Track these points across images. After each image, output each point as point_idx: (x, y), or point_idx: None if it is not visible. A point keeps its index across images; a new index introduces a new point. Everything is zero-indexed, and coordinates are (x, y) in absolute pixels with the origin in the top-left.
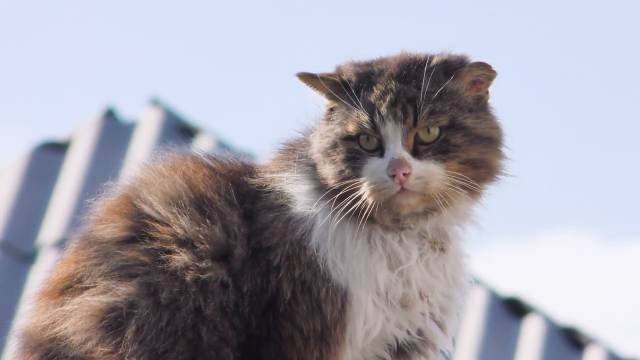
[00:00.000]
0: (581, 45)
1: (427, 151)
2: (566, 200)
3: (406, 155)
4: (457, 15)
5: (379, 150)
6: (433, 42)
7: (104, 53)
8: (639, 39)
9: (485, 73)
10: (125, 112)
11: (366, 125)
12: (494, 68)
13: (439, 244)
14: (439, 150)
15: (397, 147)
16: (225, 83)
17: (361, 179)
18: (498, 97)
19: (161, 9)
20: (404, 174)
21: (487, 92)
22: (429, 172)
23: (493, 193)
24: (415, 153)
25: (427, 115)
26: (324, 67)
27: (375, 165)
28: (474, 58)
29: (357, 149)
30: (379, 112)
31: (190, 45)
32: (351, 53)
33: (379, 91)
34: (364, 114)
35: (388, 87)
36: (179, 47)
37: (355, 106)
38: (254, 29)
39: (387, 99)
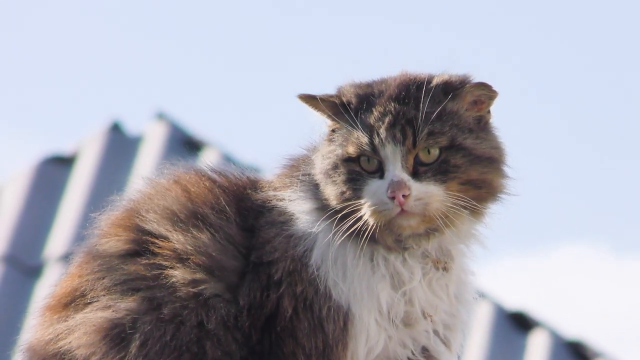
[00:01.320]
0: (593, 52)
1: (426, 172)
2: (580, 213)
3: (405, 177)
4: (456, 18)
5: (380, 171)
6: (430, 46)
7: (110, 66)
8: None
9: (485, 93)
10: (131, 126)
11: (366, 147)
12: (494, 88)
13: (442, 264)
14: (439, 171)
15: (396, 168)
16: (232, 97)
17: (362, 201)
18: (506, 111)
19: (167, 23)
20: (403, 196)
21: (489, 111)
22: (428, 193)
23: (496, 212)
24: (415, 174)
25: (427, 137)
26: (330, 81)
27: (375, 187)
28: (476, 78)
29: (357, 170)
30: (378, 134)
31: (196, 59)
32: (356, 63)
33: (378, 113)
34: (363, 135)
35: (387, 108)
36: (185, 61)
37: (355, 128)
38: (261, 42)
39: (386, 120)
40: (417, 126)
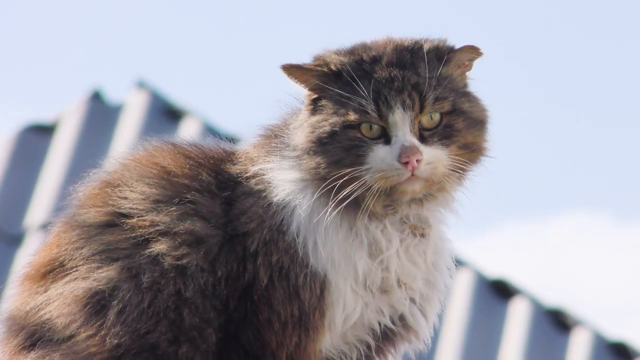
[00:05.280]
0: (599, 25)
1: (432, 137)
2: (583, 181)
3: (416, 142)
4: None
5: (383, 137)
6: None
7: (91, 35)
8: None
9: (473, 55)
10: (112, 95)
11: (372, 113)
12: (481, 50)
13: (420, 230)
14: (444, 135)
15: (406, 134)
16: (212, 65)
17: (364, 167)
18: (501, 76)
19: None
20: (417, 161)
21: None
22: (437, 157)
23: (478, 175)
24: (422, 139)
25: (433, 102)
26: (308, 49)
27: (383, 153)
28: (452, 42)
29: (358, 137)
30: (386, 100)
31: (177, 27)
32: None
33: (382, 79)
34: (367, 102)
35: (392, 74)
36: (166, 30)
37: (357, 94)
38: (240, 10)
39: (394, 86)
40: (423, 91)
